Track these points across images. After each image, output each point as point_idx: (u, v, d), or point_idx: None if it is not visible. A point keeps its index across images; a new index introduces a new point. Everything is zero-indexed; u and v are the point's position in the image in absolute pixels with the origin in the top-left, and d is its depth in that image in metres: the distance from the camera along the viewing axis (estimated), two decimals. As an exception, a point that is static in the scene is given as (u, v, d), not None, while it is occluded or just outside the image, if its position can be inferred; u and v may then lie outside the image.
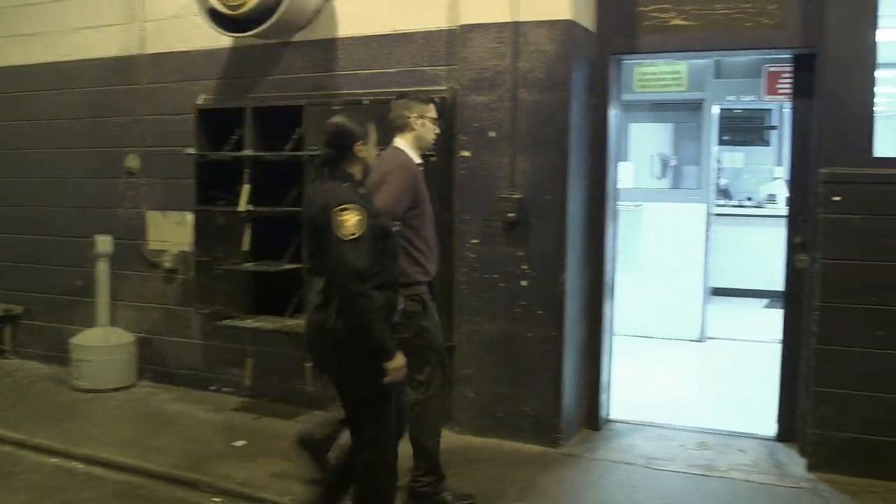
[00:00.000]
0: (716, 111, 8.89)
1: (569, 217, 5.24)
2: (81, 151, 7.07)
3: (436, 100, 4.60)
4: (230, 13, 5.77)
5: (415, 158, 4.41)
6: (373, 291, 3.48)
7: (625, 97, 6.55)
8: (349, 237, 3.40)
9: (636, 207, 8.45)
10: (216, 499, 4.69)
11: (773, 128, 11.94)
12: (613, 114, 5.65)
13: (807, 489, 4.68)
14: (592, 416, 5.71)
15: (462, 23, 5.39)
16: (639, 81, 8.79)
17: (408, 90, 4.79)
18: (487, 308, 5.39)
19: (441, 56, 5.60)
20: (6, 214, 7.53)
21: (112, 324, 6.78)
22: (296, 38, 6.08)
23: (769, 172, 11.90)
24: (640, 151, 10.33)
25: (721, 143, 10.59)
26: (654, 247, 8.46)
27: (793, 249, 5.31)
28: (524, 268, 5.28)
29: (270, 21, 5.72)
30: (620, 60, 5.73)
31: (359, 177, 3.74)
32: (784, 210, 5.52)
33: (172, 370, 6.76)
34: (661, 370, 7.33)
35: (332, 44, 5.96)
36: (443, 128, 5.37)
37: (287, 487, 4.62)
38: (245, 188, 5.93)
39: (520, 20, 5.22)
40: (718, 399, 6.50)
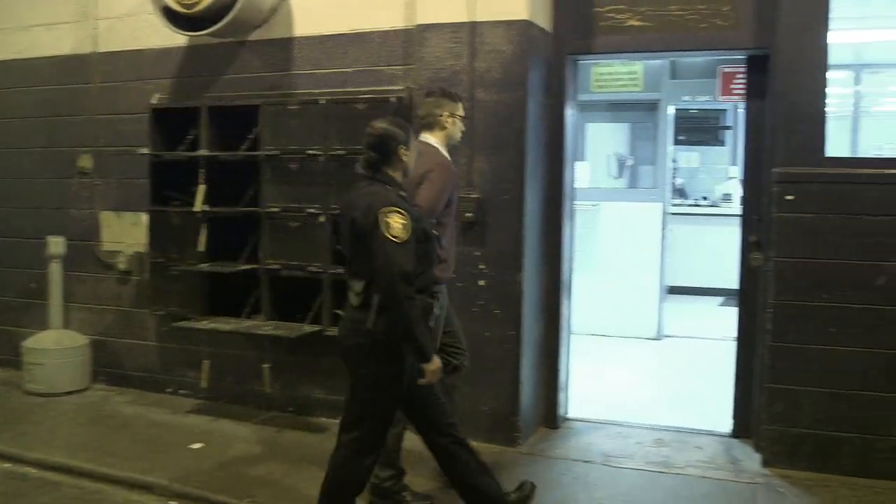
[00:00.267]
0: (671, 111, 8.98)
1: (526, 217, 5.25)
2: (33, 151, 6.95)
3: (458, 97, 4.59)
4: (185, 11, 5.71)
5: (446, 156, 4.45)
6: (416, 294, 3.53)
7: (581, 97, 6.58)
8: (396, 240, 3.44)
9: (593, 207, 8.50)
10: (172, 502, 4.64)
11: (728, 128, 12.05)
12: (570, 114, 5.68)
13: (762, 484, 4.74)
14: (550, 415, 5.74)
15: (419, 22, 5.38)
16: (595, 82, 8.83)
17: (436, 88, 4.74)
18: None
19: (398, 56, 5.59)
20: (-44, 215, 7.39)
21: (65, 326, 6.68)
22: (252, 37, 6.03)
23: (724, 172, 12.02)
24: (597, 151, 10.38)
25: (677, 143, 10.70)
26: (611, 246, 8.51)
27: (747, 248, 5.37)
28: (482, 267, 5.28)
29: (226, 19, 5.67)
30: (577, 61, 5.75)
31: (399, 180, 3.76)
32: (739, 209, 5.58)
33: (127, 373, 6.67)
34: (619, 368, 7.38)
35: (289, 43, 5.93)
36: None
37: (245, 490, 4.58)
38: (200, 188, 5.88)
39: (476, 20, 5.22)
40: (675, 396, 6.56)
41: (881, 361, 4.69)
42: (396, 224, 3.44)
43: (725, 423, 5.56)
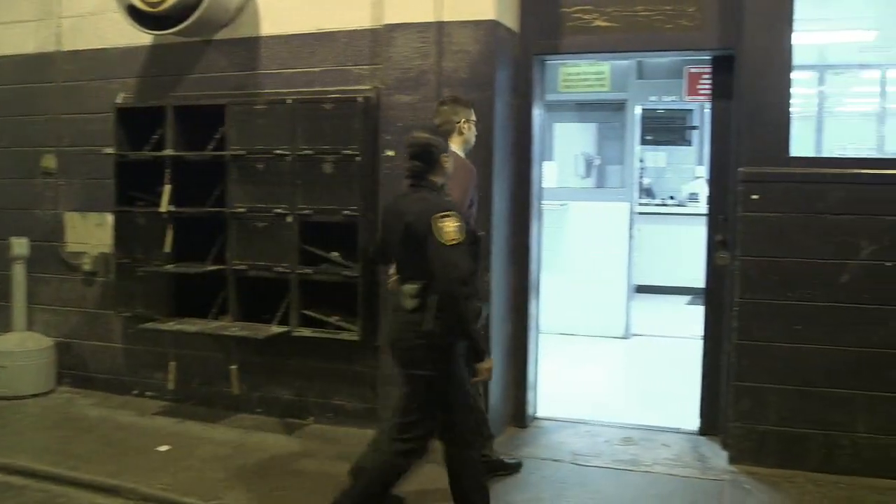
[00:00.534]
0: (638, 111, 9.04)
1: (494, 216, 5.25)
2: (-4, 151, 6.88)
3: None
4: (150, 10, 5.65)
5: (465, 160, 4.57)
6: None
7: (549, 97, 6.60)
8: (452, 243, 3.56)
9: (561, 206, 8.52)
10: (139, 505, 4.61)
11: (695, 128, 12.16)
12: (538, 114, 5.69)
13: (728, 481, 4.78)
14: (519, 414, 5.74)
15: (386, 22, 5.37)
16: (563, 82, 8.87)
17: (448, 95, 4.80)
18: (414, 308, 5.37)
19: (365, 55, 5.57)
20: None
21: (29, 328, 6.61)
22: (218, 37, 5.99)
23: (691, 172, 12.13)
24: (565, 151, 10.44)
25: (644, 143, 10.77)
26: (579, 245, 8.55)
27: (713, 247, 5.41)
28: (450, 267, 5.27)
29: (191, 18, 5.62)
30: (544, 61, 5.77)
31: (440, 185, 3.89)
32: (705, 209, 5.62)
33: (93, 375, 6.60)
34: (587, 367, 7.41)
35: (255, 42, 5.89)
36: (368, 127, 5.38)
37: (212, 492, 4.55)
38: (166, 189, 5.83)
39: (444, 20, 5.21)
40: (643, 395, 6.60)
41: (845, 359, 4.74)
42: (451, 227, 3.57)
43: (693, 421, 5.59)
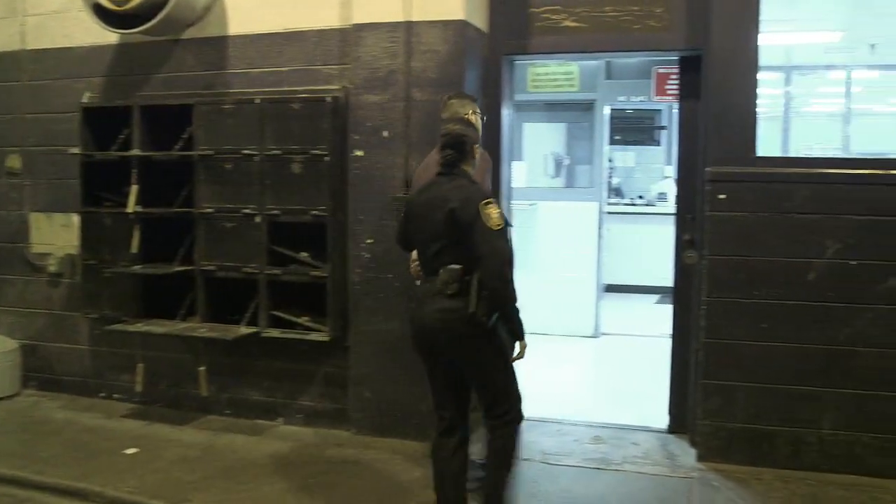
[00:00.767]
0: (607, 111, 9.08)
1: (464, 216, 5.25)
2: (-41, 151, 6.78)
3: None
4: (116, 8, 5.59)
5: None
6: None
7: (518, 97, 6.62)
8: (498, 227, 3.65)
9: (530, 206, 8.55)
10: (106, 508, 4.56)
11: (663, 128, 12.23)
12: (506, 113, 5.70)
13: (697, 479, 4.81)
14: (489, 414, 5.74)
15: (355, 22, 5.36)
16: (532, 82, 8.90)
17: (450, 92, 4.75)
18: (383, 308, 5.37)
19: (334, 55, 5.56)
20: None
21: (-7, 330, 6.54)
22: (185, 36, 5.94)
23: (660, 171, 12.20)
24: (534, 151, 10.47)
25: (613, 143, 10.85)
26: (549, 245, 8.58)
27: (681, 246, 5.45)
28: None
29: (158, 17, 5.57)
30: (513, 61, 5.78)
31: (470, 174, 3.96)
32: (673, 208, 5.66)
33: (59, 377, 6.53)
34: (557, 366, 7.42)
35: (223, 41, 5.85)
36: (336, 127, 5.36)
37: (180, 494, 4.52)
38: (133, 189, 5.77)
39: (412, 20, 5.22)
40: (612, 393, 6.63)
41: (812, 356, 4.79)
42: (496, 213, 3.66)
43: (662, 419, 5.63)
